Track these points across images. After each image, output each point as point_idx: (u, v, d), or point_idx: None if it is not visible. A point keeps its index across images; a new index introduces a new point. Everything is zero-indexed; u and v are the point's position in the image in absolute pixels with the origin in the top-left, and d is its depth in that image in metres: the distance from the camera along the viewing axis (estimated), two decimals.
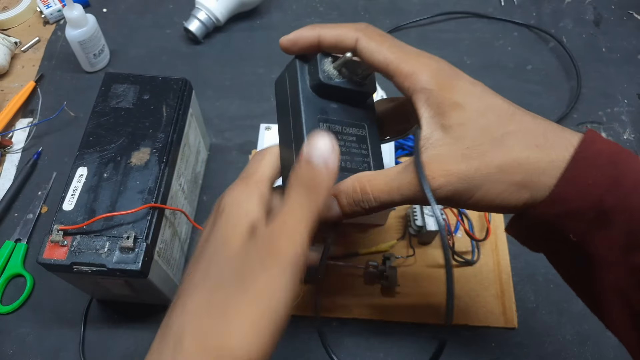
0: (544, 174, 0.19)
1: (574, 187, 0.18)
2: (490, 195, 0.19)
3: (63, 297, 0.36)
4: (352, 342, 0.34)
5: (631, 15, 0.52)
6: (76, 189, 0.31)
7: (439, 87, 0.20)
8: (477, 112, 0.19)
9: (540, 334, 0.35)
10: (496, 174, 0.19)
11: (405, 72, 0.20)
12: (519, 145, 0.19)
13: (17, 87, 0.46)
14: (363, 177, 0.21)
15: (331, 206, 0.21)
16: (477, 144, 0.19)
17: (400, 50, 0.21)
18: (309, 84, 0.23)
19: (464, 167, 0.19)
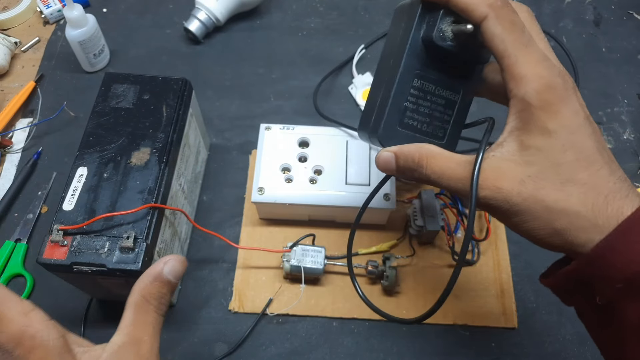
0: (586, 233, 0.19)
1: (610, 257, 0.18)
2: (526, 226, 0.20)
3: (63, 297, 0.36)
4: (352, 342, 0.34)
5: (631, 15, 0.52)
6: (76, 189, 0.31)
7: (540, 106, 0.19)
8: (561, 146, 0.19)
9: (540, 334, 0.35)
10: (540, 211, 0.19)
11: (515, 74, 0.19)
12: (577, 198, 0.19)
13: (17, 87, 0.46)
14: (425, 150, 0.22)
15: (389, 162, 0.23)
16: (541, 177, 0.19)
17: (524, 47, 0.20)
18: (422, 35, 0.22)
19: (515, 193, 0.19)
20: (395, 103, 0.23)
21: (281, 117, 0.45)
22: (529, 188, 0.19)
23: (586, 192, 0.19)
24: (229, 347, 0.34)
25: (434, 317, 0.35)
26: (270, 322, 0.35)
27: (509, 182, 0.19)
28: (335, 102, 0.46)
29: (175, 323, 0.35)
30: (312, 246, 0.35)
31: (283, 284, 0.36)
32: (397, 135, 0.23)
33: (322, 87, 0.46)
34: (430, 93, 0.23)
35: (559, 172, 0.19)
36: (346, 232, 0.38)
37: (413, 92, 0.23)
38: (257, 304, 0.35)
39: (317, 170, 0.36)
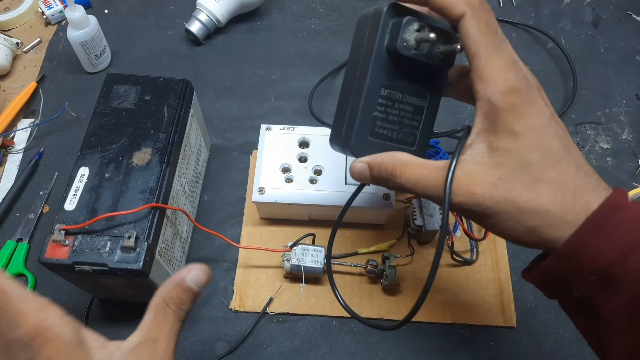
0: (557, 230, 0.19)
1: (580, 251, 0.19)
2: (500, 226, 0.20)
3: (64, 296, 0.36)
4: (352, 341, 0.35)
5: (629, 16, 0.52)
6: (78, 189, 0.31)
7: (506, 108, 0.19)
8: (528, 146, 0.19)
9: (538, 333, 0.35)
10: (513, 212, 0.19)
11: (484, 75, 0.20)
12: (546, 196, 0.19)
13: (18, 88, 0.47)
14: (398, 160, 0.22)
15: (364, 172, 0.23)
16: (511, 178, 0.19)
17: (494, 50, 0.20)
18: (386, 45, 0.22)
19: (488, 196, 0.20)
20: (364, 114, 0.23)
21: (281, 117, 0.45)
22: (500, 190, 0.20)
23: (555, 189, 0.19)
24: (230, 345, 0.34)
25: (433, 316, 0.35)
26: (270, 321, 0.35)
27: (481, 186, 0.20)
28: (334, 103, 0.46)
29: None
30: (312, 246, 0.35)
31: (283, 283, 0.36)
32: (369, 145, 0.23)
33: (322, 87, 0.47)
34: (398, 101, 0.23)
35: (528, 172, 0.19)
36: (346, 232, 0.38)
37: (381, 101, 0.23)
38: (258, 303, 0.35)
39: (317, 170, 0.37)
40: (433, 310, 0.35)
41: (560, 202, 0.19)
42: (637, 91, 0.47)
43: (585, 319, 0.21)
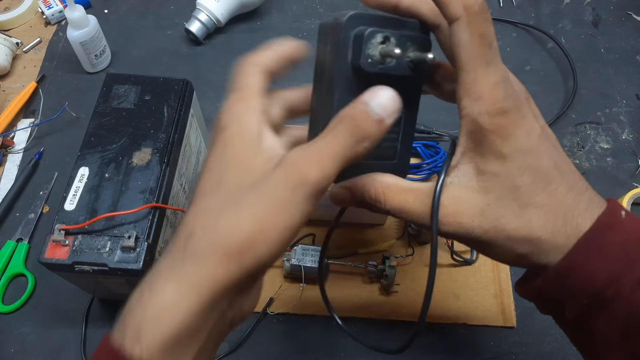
0: (548, 256, 0.18)
1: (571, 276, 0.18)
2: (491, 253, 0.20)
3: (64, 296, 0.36)
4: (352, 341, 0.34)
5: (630, 15, 0.52)
6: (78, 189, 0.31)
7: (493, 129, 0.18)
8: (517, 169, 0.18)
9: (538, 333, 0.35)
10: (502, 240, 0.19)
11: (471, 92, 0.18)
12: (537, 222, 0.18)
13: (18, 88, 0.47)
14: (380, 184, 0.20)
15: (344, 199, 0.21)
16: (499, 204, 0.18)
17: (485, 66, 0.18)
18: (350, 60, 0.19)
19: (476, 225, 0.19)
20: None
21: None
22: (489, 219, 0.19)
23: (545, 214, 0.18)
24: (230, 345, 0.34)
25: (432, 317, 0.35)
26: (270, 321, 0.35)
27: (469, 215, 0.19)
28: None
29: None
30: (312, 246, 0.35)
31: (283, 283, 0.36)
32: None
33: None
34: None
35: (518, 196, 0.18)
36: (346, 232, 0.38)
37: None
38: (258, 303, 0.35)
39: None
40: (433, 310, 0.35)
41: (551, 227, 0.18)
42: (637, 91, 0.47)
43: (579, 336, 0.20)
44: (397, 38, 0.19)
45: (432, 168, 0.40)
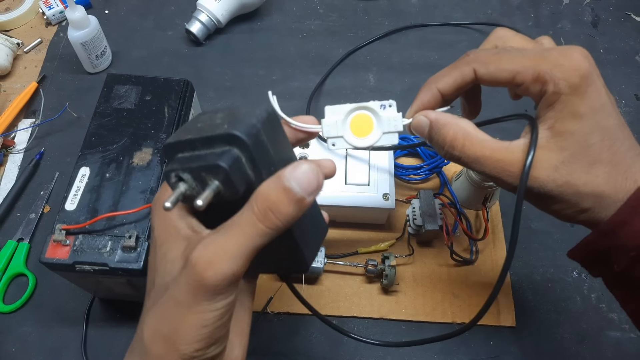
0: (608, 210, 0.20)
1: (621, 229, 0.20)
2: (555, 207, 0.21)
3: (65, 296, 0.36)
4: (352, 341, 0.35)
5: (629, 16, 0.52)
6: (78, 189, 0.31)
7: (570, 91, 0.20)
8: (589, 127, 0.20)
9: (538, 332, 0.35)
10: (571, 195, 0.20)
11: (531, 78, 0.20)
12: (603, 178, 0.20)
13: (19, 88, 0.47)
14: (462, 131, 0.21)
15: (423, 129, 0.23)
16: (572, 161, 0.20)
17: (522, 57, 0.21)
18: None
19: (550, 179, 0.20)
20: None
21: None
22: (562, 174, 0.20)
23: (609, 170, 0.20)
24: None
25: (432, 316, 0.35)
26: (270, 321, 0.35)
27: (544, 170, 0.20)
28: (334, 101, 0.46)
29: None
30: None
31: (283, 282, 0.36)
32: None
33: (322, 87, 0.47)
34: None
35: (588, 153, 0.20)
36: (346, 232, 0.38)
37: None
38: (258, 303, 0.35)
39: None
40: (433, 309, 0.35)
41: (614, 183, 0.20)
42: (637, 91, 0.47)
43: (625, 291, 0.22)
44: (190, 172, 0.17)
45: (433, 169, 0.40)
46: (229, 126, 0.17)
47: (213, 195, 0.16)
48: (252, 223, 0.16)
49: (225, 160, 0.16)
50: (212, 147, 0.17)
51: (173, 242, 0.18)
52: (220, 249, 0.16)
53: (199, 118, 0.19)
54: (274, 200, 0.16)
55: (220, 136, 0.17)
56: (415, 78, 0.47)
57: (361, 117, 0.23)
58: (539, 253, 0.38)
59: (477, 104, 0.26)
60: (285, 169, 0.16)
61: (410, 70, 0.48)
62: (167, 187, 0.18)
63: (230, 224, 0.17)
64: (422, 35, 0.51)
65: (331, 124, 0.23)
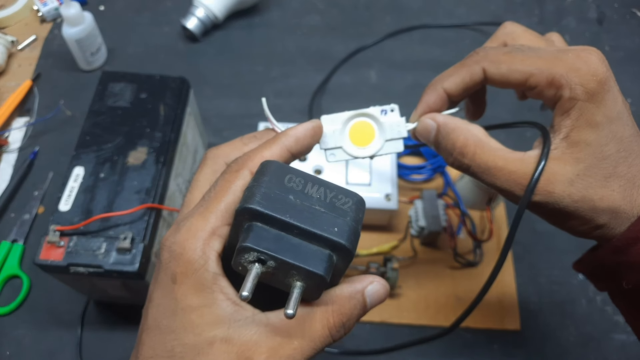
0: (622, 226, 0.19)
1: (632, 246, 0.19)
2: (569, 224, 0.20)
3: (60, 298, 0.35)
4: (353, 344, 0.34)
5: (634, 13, 0.52)
6: (73, 189, 0.30)
7: (587, 97, 0.18)
8: (605, 138, 0.19)
9: (543, 336, 0.34)
10: (587, 210, 0.19)
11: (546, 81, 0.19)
12: (619, 193, 0.19)
13: (13, 86, 0.46)
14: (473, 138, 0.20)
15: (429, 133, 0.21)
16: (588, 174, 0.19)
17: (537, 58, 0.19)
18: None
19: (566, 195, 0.19)
20: None
21: (280, 115, 0.44)
22: (579, 188, 0.19)
23: (625, 184, 0.19)
24: None
25: (435, 320, 0.35)
26: None
27: (560, 185, 0.19)
28: (335, 100, 0.45)
29: None
30: None
31: None
32: None
33: (322, 86, 0.46)
34: None
35: (604, 166, 0.19)
36: None
37: None
38: None
39: (317, 170, 0.36)
40: (436, 313, 0.35)
41: (629, 198, 0.19)
42: None
43: (633, 308, 0.21)
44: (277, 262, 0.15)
45: (436, 168, 0.39)
46: (339, 230, 0.15)
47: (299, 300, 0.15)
48: (322, 333, 0.16)
49: (326, 269, 0.15)
50: (309, 241, 0.15)
51: (208, 315, 0.15)
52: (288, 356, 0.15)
53: (286, 181, 0.16)
54: (350, 313, 0.16)
55: (326, 239, 0.15)
56: (418, 76, 0.46)
57: (361, 125, 0.22)
58: (544, 256, 0.37)
59: (482, 104, 0.24)
60: (364, 282, 0.17)
61: (413, 68, 0.47)
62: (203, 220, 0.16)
63: (299, 329, 0.16)
64: (424, 32, 0.50)
65: (329, 134, 0.21)
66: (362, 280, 0.17)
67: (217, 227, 0.16)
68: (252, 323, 0.15)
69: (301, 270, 0.15)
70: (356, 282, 0.17)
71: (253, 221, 0.15)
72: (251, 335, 0.15)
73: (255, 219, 0.15)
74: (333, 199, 0.16)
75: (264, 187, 0.16)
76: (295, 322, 0.16)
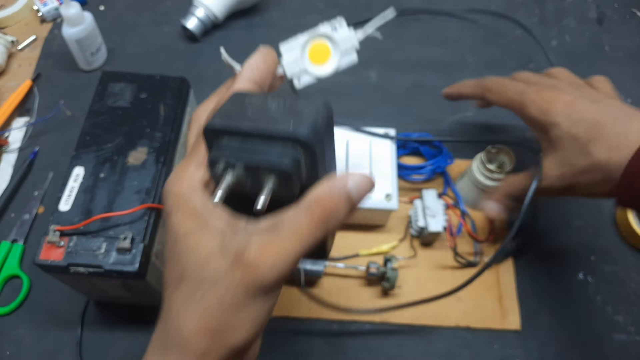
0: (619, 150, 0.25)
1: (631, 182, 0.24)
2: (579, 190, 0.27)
3: (60, 298, 0.35)
4: (353, 345, 0.34)
5: (634, 13, 0.52)
6: (73, 189, 0.30)
7: (539, 113, 0.28)
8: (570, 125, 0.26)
9: (543, 335, 0.34)
10: (581, 174, 0.26)
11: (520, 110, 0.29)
12: (599, 150, 0.25)
13: (13, 86, 0.46)
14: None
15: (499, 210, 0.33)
16: (568, 152, 0.26)
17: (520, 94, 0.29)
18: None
19: (558, 173, 0.27)
20: None
21: None
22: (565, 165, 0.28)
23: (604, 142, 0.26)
24: None
25: (436, 320, 0.35)
26: (269, 325, 0.35)
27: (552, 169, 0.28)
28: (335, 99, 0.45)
29: None
30: None
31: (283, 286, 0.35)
32: None
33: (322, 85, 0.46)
34: None
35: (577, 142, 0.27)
36: (347, 234, 0.38)
37: None
38: None
39: None
40: (436, 313, 0.35)
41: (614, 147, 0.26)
42: None
43: None
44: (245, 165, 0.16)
45: (435, 169, 0.39)
46: (294, 125, 0.16)
47: (269, 197, 0.16)
48: (308, 227, 0.16)
49: (289, 163, 0.16)
50: (270, 143, 0.16)
51: (203, 234, 0.17)
52: (283, 252, 0.16)
53: (245, 101, 0.17)
54: (333, 206, 0.16)
55: (283, 135, 0.16)
56: (418, 76, 0.46)
57: (317, 46, 0.23)
58: (544, 256, 0.38)
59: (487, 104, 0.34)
60: (345, 176, 0.17)
61: (413, 68, 0.47)
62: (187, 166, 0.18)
63: (286, 226, 0.17)
64: (424, 31, 0.50)
65: (291, 61, 0.22)
66: (342, 176, 0.17)
67: (199, 163, 0.18)
68: (244, 231, 0.17)
69: (266, 169, 0.16)
70: (336, 178, 0.17)
71: (213, 139, 0.17)
72: (243, 240, 0.17)
73: (219, 137, 0.16)
74: (292, 106, 0.17)
75: (222, 109, 0.17)
76: (282, 223, 0.17)
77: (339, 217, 0.17)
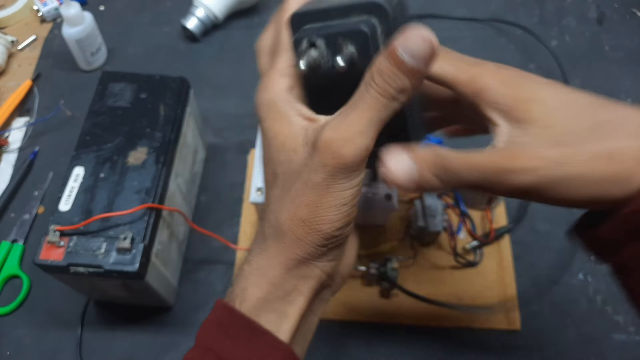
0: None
1: None
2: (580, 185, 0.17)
3: (60, 298, 0.35)
4: (353, 345, 0.34)
5: (634, 13, 0.52)
6: (73, 189, 0.30)
7: (504, 86, 0.18)
8: (560, 103, 0.18)
9: (543, 336, 0.34)
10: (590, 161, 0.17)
11: (464, 79, 0.19)
12: (616, 133, 0.17)
13: (13, 86, 0.46)
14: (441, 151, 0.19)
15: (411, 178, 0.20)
16: (569, 131, 0.17)
17: (459, 61, 0.20)
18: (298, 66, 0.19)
19: (558, 153, 0.17)
20: None
21: None
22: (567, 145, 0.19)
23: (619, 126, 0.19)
24: None
25: (436, 320, 0.35)
26: None
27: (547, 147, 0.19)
28: None
29: (173, 326, 0.35)
30: None
31: None
32: None
33: None
34: None
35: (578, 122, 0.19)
36: None
37: None
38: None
39: None
40: (437, 313, 0.35)
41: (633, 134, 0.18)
42: None
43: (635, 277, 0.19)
44: (325, 38, 0.18)
45: None
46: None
47: (350, 59, 0.17)
48: (375, 97, 0.17)
49: (366, 26, 0.17)
50: (348, 16, 0.17)
51: (289, 132, 0.19)
52: (353, 126, 0.17)
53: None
54: (389, 72, 0.16)
55: (359, 5, 0.17)
56: None
57: None
58: (545, 255, 0.37)
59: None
60: (396, 39, 0.16)
61: None
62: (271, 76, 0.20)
63: (353, 103, 0.17)
64: None
65: None
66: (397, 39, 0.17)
67: (281, 73, 0.20)
68: (325, 123, 0.18)
69: (346, 36, 0.17)
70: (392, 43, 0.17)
71: (298, 27, 0.18)
72: (323, 128, 0.18)
73: (299, 24, 0.18)
74: None
75: (303, 6, 0.19)
76: (353, 102, 0.17)
77: (399, 84, 0.16)
